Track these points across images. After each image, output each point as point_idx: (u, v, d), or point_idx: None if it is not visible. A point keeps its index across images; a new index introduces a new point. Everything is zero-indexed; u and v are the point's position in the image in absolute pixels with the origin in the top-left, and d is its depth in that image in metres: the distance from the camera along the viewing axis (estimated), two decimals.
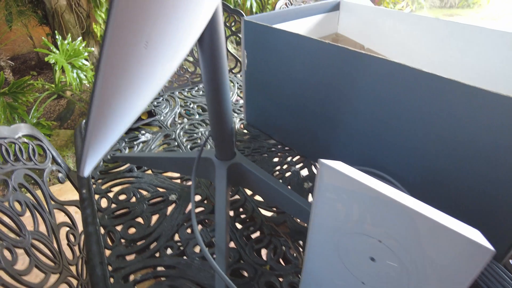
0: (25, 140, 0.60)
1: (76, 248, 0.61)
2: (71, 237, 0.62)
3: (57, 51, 2.03)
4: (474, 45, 0.63)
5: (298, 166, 0.64)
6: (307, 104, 0.59)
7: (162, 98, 0.89)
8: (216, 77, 0.41)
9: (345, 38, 0.83)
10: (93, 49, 2.49)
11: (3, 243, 0.44)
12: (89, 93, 2.55)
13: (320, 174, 0.29)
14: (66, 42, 2.08)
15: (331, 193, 0.29)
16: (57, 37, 2.05)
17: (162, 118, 0.80)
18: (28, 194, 0.56)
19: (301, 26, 0.78)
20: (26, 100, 2.15)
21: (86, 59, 2.20)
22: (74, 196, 0.63)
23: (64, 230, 0.61)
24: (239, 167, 0.48)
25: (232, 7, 1.27)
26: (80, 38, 2.18)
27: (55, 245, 0.56)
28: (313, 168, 0.63)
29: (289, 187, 0.59)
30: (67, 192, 1.69)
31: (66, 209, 0.63)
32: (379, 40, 0.79)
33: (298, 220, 0.53)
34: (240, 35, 1.28)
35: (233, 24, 1.27)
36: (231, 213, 0.55)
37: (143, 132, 0.75)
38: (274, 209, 0.55)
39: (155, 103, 0.87)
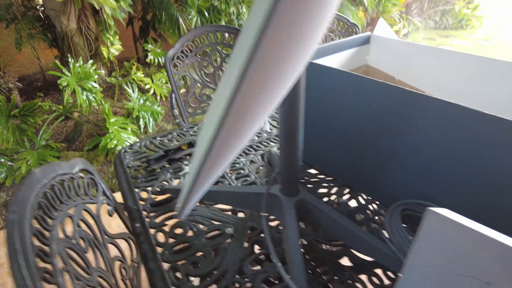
0: (81, 174, 0.60)
1: (128, 282, 0.61)
2: (123, 271, 0.62)
3: (69, 74, 2.05)
4: (504, 79, 0.67)
5: (345, 197, 0.66)
6: (355, 137, 0.61)
7: (196, 127, 0.91)
8: (292, 127, 0.43)
9: (375, 70, 0.87)
10: (102, 71, 2.52)
11: (80, 282, 0.44)
12: (96, 115, 2.56)
13: (427, 221, 0.31)
14: (77, 65, 2.10)
15: (437, 238, 0.31)
16: (69, 60, 2.07)
17: None
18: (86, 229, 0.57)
19: (335, 60, 0.82)
20: (34, 121, 2.14)
21: (95, 81, 2.22)
22: None
23: (117, 264, 0.61)
24: (304, 203, 0.50)
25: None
26: (91, 61, 2.21)
27: (113, 280, 0.56)
28: (360, 199, 0.65)
29: None
30: None
31: (116, 243, 0.63)
32: (409, 72, 0.83)
33: (358, 254, 0.54)
34: None
35: None
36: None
37: (186, 162, 0.76)
38: (327, 242, 0.56)
39: (192, 132, 0.89)
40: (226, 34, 1.25)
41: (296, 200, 0.49)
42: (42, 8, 2.11)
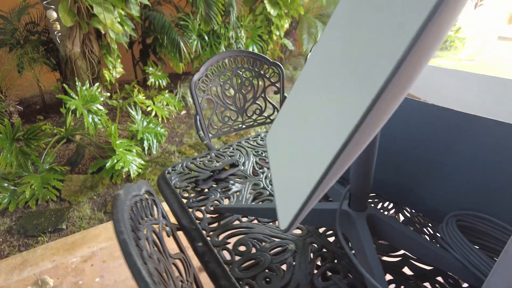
0: (146, 196, 0.62)
1: None
2: None
3: (76, 97, 2.06)
4: None
5: (391, 211, 0.70)
6: (399, 154, 0.66)
7: (231, 147, 0.94)
8: (369, 156, 0.47)
9: None
10: (107, 94, 2.53)
11: None
12: (98, 137, 2.54)
13: None
14: (84, 88, 2.12)
15: None
16: (76, 83, 2.08)
17: (242, 168, 0.84)
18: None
19: None
20: (37, 145, 2.12)
21: (100, 104, 2.23)
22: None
23: (179, 285, 0.62)
24: (373, 217, 0.53)
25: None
26: (97, 84, 2.22)
27: None
28: (406, 213, 0.69)
29: None
30: (90, 239, 1.63)
31: (177, 263, 0.65)
32: (438, 95, 0.90)
33: (418, 264, 0.57)
34: (277, 85, 1.38)
35: (272, 75, 1.37)
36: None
37: (231, 182, 0.79)
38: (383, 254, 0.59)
39: (228, 152, 0.92)
40: (246, 59, 1.31)
41: (366, 215, 0.53)
42: (60, 34, 2.13)
